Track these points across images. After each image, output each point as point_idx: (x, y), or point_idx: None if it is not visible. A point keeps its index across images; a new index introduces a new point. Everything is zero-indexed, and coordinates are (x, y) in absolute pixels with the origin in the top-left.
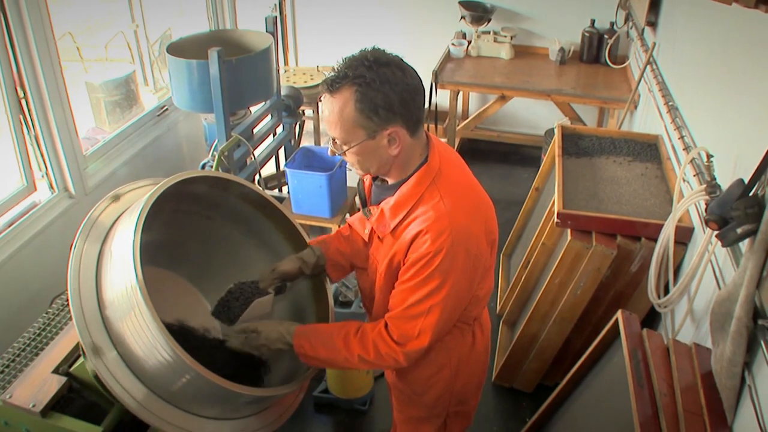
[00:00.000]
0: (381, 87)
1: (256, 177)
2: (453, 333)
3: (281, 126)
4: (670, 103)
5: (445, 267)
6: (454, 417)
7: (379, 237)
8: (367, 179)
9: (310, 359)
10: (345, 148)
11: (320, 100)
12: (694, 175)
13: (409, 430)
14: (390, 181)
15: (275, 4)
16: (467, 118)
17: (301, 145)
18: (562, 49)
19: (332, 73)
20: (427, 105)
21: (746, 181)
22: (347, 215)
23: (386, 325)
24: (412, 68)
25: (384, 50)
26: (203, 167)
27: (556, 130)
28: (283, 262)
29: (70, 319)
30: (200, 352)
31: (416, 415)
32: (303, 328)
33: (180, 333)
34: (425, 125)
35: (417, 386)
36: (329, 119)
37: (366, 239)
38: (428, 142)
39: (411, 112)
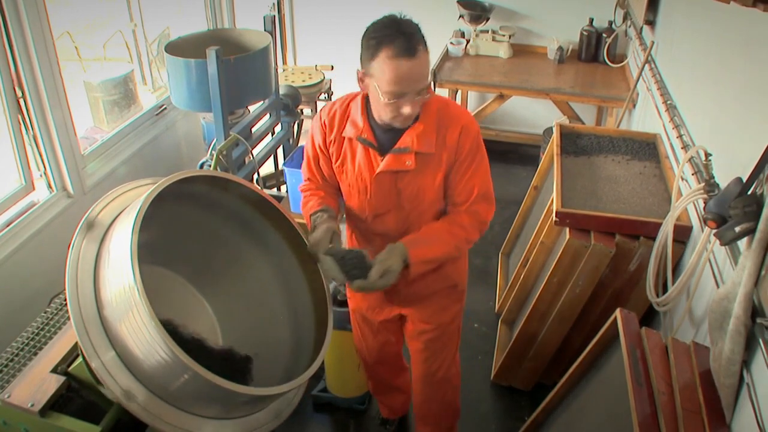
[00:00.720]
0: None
1: (255, 176)
2: None
3: (279, 125)
4: (669, 102)
5: (482, 143)
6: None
7: (422, 157)
8: (366, 133)
9: (423, 264)
10: (427, 94)
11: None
12: (693, 174)
13: (453, 332)
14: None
15: (274, 4)
16: None
17: (299, 144)
18: (560, 48)
19: (401, 40)
20: None
21: (744, 180)
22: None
23: (468, 210)
24: None
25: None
26: (202, 166)
27: (554, 129)
28: (327, 226)
29: (69, 318)
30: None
31: (455, 310)
32: (407, 241)
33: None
34: None
35: (455, 276)
36: (420, 76)
37: (412, 169)
38: None
39: None
